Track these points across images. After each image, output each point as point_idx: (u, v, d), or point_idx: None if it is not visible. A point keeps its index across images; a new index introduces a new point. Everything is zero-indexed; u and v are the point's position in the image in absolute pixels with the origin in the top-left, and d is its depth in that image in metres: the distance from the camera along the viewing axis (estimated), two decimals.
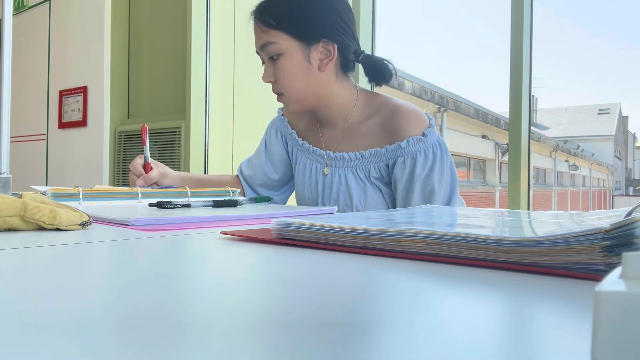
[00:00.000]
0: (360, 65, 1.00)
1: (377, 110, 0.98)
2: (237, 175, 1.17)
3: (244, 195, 1.13)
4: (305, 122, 1.09)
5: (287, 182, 1.14)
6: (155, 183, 1.04)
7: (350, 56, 0.97)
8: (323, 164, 1.02)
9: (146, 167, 1.04)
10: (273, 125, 1.15)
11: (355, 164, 0.97)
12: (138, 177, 1.02)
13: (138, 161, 1.04)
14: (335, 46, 0.94)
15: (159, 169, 1.05)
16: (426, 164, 0.91)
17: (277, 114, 1.16)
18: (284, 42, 0.93)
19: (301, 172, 1.06)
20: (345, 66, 0.98)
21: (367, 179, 0.96)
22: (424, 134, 0.93)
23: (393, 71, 0.99)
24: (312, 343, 0.17)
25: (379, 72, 0.99)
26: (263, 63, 0.98)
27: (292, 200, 1.20)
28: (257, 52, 0.98)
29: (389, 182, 0.96)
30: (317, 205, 1.03)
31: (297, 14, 0.93)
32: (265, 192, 1.13)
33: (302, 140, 1.07)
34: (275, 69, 0.95)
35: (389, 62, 0.99)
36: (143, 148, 1.04)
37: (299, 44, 0.93)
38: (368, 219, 0.47)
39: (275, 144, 1.12)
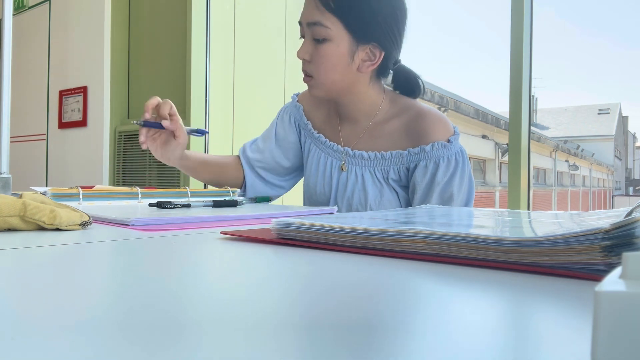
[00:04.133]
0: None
1: (402, 111, 0.96)
2: (238, 157, 1.12)
3: (243, 179, 1.09)
4: (323, 114, 1.06)
5: (295, 170, 1.11)
6: (173, 133, 0.96)
7: (390, 65, 0.96)
8: (340, 159, 1.00)
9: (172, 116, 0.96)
10: (286, 111, 1.10)
11: (374, 163, 0.95)
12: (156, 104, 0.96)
13: (168, 102, 0.97)
14: (382, 53, 0.91)
15: (184, 137, 0.97)
16: (448, 171, 0.90)
17: (291, 100, 1.12)
18: (336, 30, 0.88)
19: (314, 165, 1.04)
20: (382, 73, 0.97)
21: (384, 180, 0.94)
22: (448, 141, 0.92)
23: (422, 87, 0.98)
24: (311, 343, 0.17)
25: (410, 86, 0.98)
26: (302, 37, 0.94)
27: (297, 195, 1.18)
28: (300, 23, 0.93)
29: (406, 185, 0.95)
30: (328, 200, 1.01)
31: (360, 7, 0.88)
32: (268, 176, 1.09)
33: (318, 133, 1.04)
34: (315, 51, 0.91)
35: (420, 78, 0.98)
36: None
37: (350, 38, 0.89)
38: (368, 218, 0.47)
39: (288, 131, 1.08)
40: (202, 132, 1.02)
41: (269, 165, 1.09)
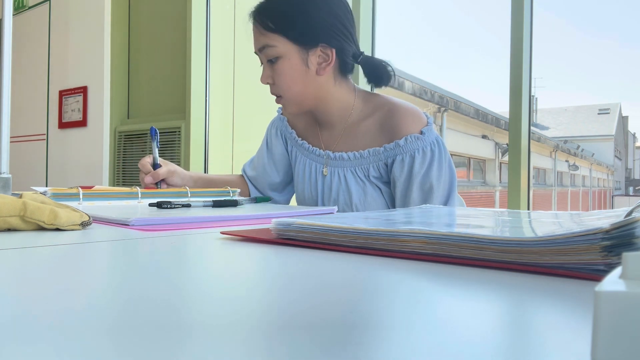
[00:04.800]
0: (359, 66, 1.01)
1: (375, 109, 0.98)
2: (242, 176, 1.17)
3: (249, 196, 1.14)
4: (304, 121, 1.09)
5: (289, 182, 1.15)
6: (163, 181, 1.03)
7: (348, 59, 0.98)
8: (322, 163, 1.02)
9: (155, 169, 1.04)
10: (273, 124, 1.15)
11: (354, 163, 0.97)
12: (146, 174, 1.02)
13: (147, 159, 1.04)
14: (334, 51, 0.94)
15: (168, 167, 1.04)
16: (424, 162, 0.92)
17: (277, 114, 1.16)
18: (282, 46, 0.93)
19: (301, 171, 1.07)
20: (344, 69, 0.99)
21: (366, 178, 0.96)
22: (421, 132, 0.93)
23: (392, 73, 1.00)
24: (312, 342, 0.17)
25: (378, 74, 0.99)
26: (262, 64, 0.98)
27: (293, 200, 1.20)
28: (255, 53, 0.98)
29: (388, 181, 0.96)
30: (316, 204, 1.03)
31: (296, 18, 0.93)
32: (267, 192, 1.13)
33: (302, 140, 1.08)
34: (273, 71, 0.95)
35: (388, 64, 0.99)
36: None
37: (297, 48, 0.93)
38: (367, 219, 0.47)
39: (276, 144, 1.12)
40: (152, 134, 1.05)
41: (265, 181, 1.14)
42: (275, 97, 1.00)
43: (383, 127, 0.96)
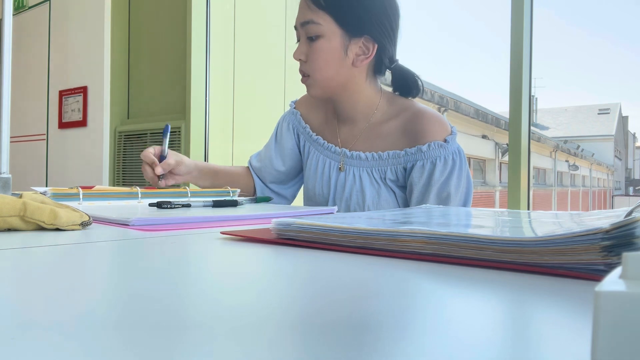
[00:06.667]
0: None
1: (399, 112, 0.97)
2: (248, 167, 1.16)
3: (254, 188, 1.13)
4: (320, 116, 1.08)
5: (295, 175, 1.13)
6: (171, 172, 1.02)
7: (385, 60, 0.97)
8: (338, 161, 1.01)
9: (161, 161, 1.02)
10: (285, 118, 1.13)
11: (371, 164, 0.96)
12: (149, 165, 0.99)
13: (150, 150, 1.01)
14: (376, 46, 0.93)
15: (174, 157, 1.02)
16: (445, 170, 0.91)
17: (289, 107, 1.15)
18: (327, 25, 0.91)
19: (313, 167, 1.05)
20: (378, 69, 0.98)
21: (382, 180, 0.95)
22: (445, 140, 0.92)
23: (421, 87, 1.00)
24: (312, 343, 0.17)
25: (408, 85, 0.99)
26: (298, 40, 0.96)
27: (297, 196, 1.19)
28: (295, 27, 0.96)
29: (403, 185, 0.95)
30: (326, 202, 1.02)
31: (350, 2, 0.91)
32: (272, 185, 1.12)
33: (317, 135, 1.06)
34: (310, 49, 0.93)
35: (418, 78, 1.00)
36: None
37: (341, 32, 0.92)
38: (367, 218, 0.47)
39: (287, 138, 1.11)
40: (165, 133, 1.04)
41: (269, 173, 1.12)
42: (301, 77, 0.97)
43: (406, 131, 0.95)
